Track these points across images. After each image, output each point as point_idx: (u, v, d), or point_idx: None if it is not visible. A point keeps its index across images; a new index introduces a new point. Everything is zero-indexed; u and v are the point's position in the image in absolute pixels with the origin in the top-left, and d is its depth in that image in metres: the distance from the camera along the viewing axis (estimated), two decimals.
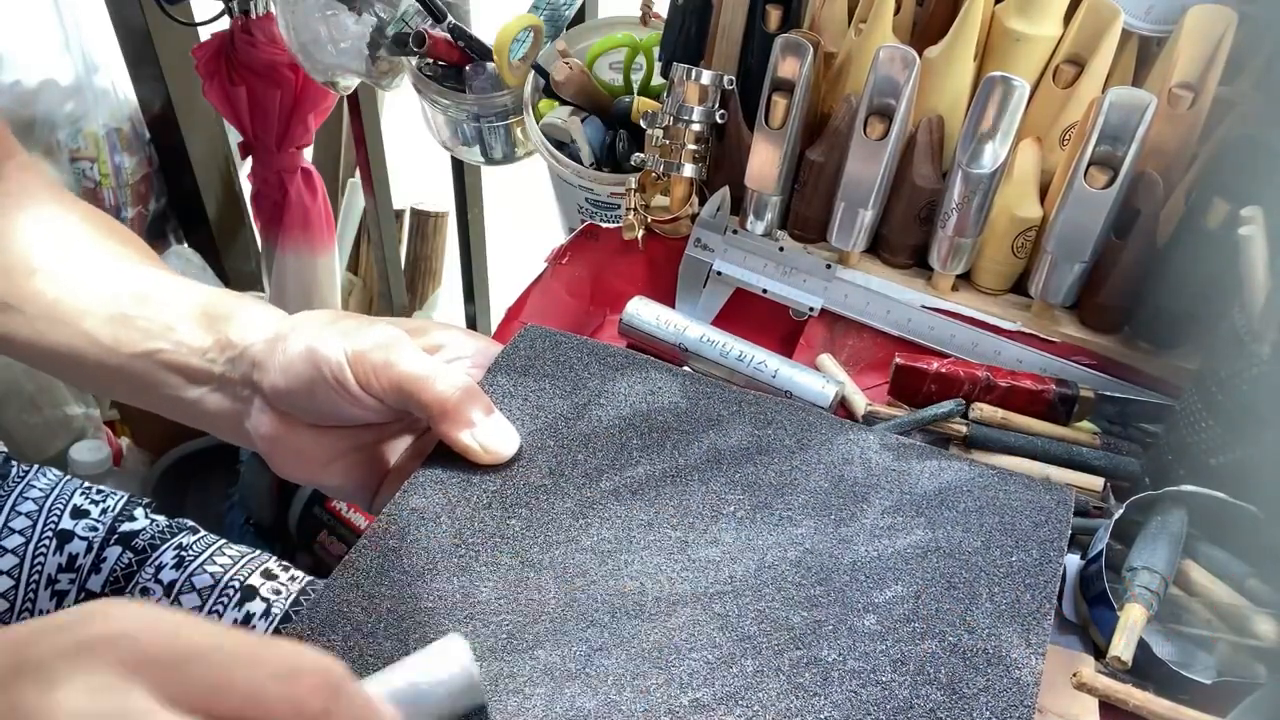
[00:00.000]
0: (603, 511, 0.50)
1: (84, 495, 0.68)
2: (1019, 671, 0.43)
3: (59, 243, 0.56)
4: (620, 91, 0.89)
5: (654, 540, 0.49)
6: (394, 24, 0.99)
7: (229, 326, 0.52)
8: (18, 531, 0.64)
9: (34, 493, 0.67)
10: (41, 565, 0.64)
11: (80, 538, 0.66)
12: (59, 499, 0.67)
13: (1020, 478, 0.53)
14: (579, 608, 0.46)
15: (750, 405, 0.57)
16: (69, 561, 0.65)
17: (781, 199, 0.72)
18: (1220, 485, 0.53)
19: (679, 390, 0.57)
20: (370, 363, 0.48)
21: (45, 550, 0.64)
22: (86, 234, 0.57)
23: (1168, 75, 0.61)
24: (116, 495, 0.70)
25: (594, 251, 0.77)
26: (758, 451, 0.54)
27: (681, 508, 0.51)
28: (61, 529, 0.66)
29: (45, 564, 0.64)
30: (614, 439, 0.54)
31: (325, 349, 0.48)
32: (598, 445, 0.53)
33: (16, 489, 0.66)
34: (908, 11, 0.69)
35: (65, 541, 0.65)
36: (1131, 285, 0.63)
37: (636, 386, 0.57)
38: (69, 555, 0.65)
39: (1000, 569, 0.48)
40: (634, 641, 0.44)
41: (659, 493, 0.52)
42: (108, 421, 1.46)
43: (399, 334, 0.49)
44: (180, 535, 0.69)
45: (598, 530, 0.49)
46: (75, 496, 0.68)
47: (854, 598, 0.47)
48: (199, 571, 0.66)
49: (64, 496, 0.67)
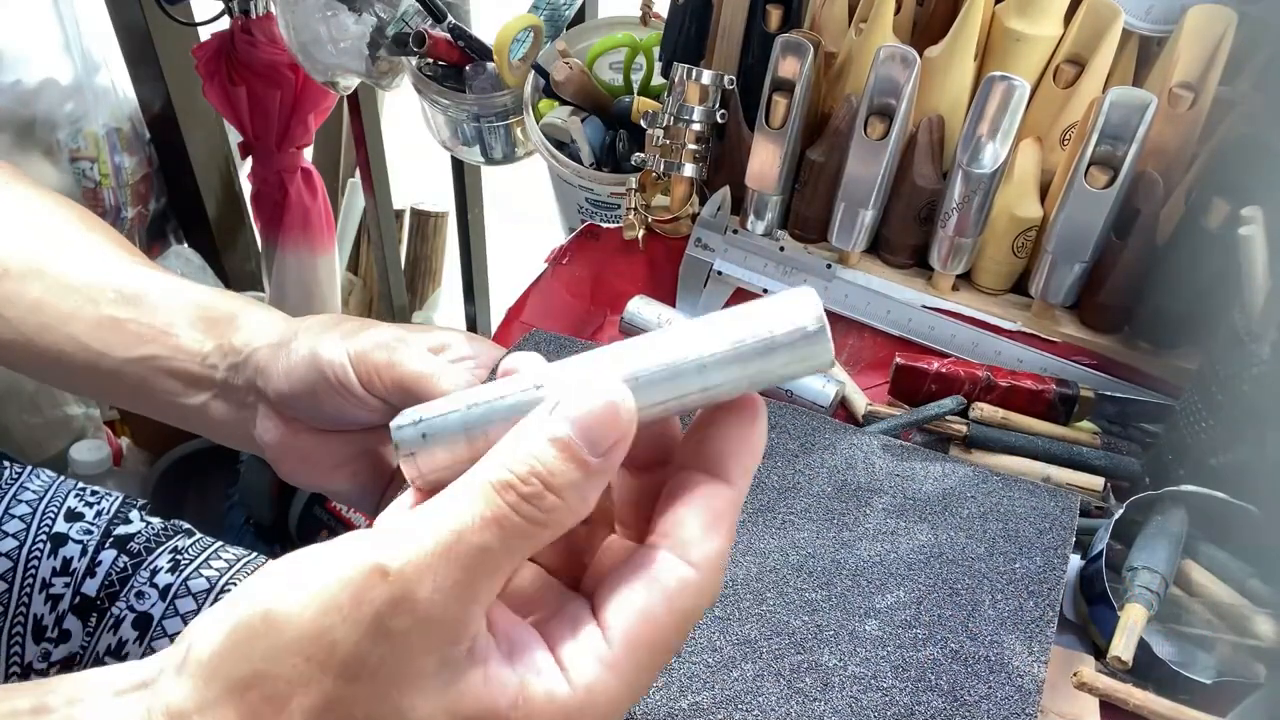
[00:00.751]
0: None
1: (78, 497, 0.68)
2: (1021, 679, 0.43)
3: (42, 240, 0.54)
4: (620, 91, 0.89)
5: None
6: (394, 24, 0.99)
7: (231, 331, 0.52)
8: (11, 535, 0.64)
9: (28, 495, 0.66)
10: (35, 569, 0.63)
11: (75, 541, 0.65)
12: (53, 501, 0.67)
13: (1024, 484, 0.53)
14: None
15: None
16: (63, 565, 0.64)
17: (782, 199, 0.72)
18: (1220, 485, 0.53)
19: None
20: (373, 363, 0.47)
21: (39, 554, 0.64)
22: (72, 231, 0.56)
23: (1168, 75, 0.61)
24: (111, 497, 0.69)
25: (594, 251, 0.77)
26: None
27: None
28: (56, 532, 0.65)
29: (39, 568, 0.64)
30: None
31: (327, 351, 0.48)
32: None
33: (10, 491, 0.66)
34: (908, 11, 0.69)
35: (59, 545, 0.65)
36: (1131, 285, 0.63)
37: None
38: (63, 559, 0.64)
39: (1003, 575, 0.48)
40: None
41: None
42: (108, 421, 1.45)
43: (401, 334, 0.49)
44: (176, 538, 0.68)
45: None
46: (69, 499, 0.67)
47: (855, 602, 0.47)
48: (195, 575, 0.66)
49: (58, 499, 0.67)
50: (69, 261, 0.54)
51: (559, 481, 0.26)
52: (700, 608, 0.28)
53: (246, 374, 0.51)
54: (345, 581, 0.25)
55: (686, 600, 0.27)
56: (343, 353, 0.48)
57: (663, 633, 0.27)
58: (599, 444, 0.26)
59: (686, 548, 0.28)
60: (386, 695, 0.25)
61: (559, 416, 0.27)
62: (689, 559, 0.28)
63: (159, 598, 0.65)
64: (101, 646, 0.63)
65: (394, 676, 0.25)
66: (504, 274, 1.46)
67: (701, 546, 0.28)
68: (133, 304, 0.52)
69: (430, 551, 0.25)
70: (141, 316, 0.52)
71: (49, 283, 0.52)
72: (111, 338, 0.52)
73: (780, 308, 0.28)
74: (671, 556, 0.28)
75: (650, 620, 0.27)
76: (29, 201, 0.56)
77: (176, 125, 1.35)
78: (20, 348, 0.53)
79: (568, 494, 0.26)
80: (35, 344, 0.52)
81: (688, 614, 0.28)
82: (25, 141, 1.27)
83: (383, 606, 0.25)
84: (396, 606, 0.25)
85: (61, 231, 0.55)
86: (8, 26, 1.23)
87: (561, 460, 0.26)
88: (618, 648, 0.27)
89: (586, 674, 0.27)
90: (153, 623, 0.64)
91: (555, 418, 0.27)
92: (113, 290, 0.53)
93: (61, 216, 0.56)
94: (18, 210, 0.56)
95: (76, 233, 0.56)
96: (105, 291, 0.52)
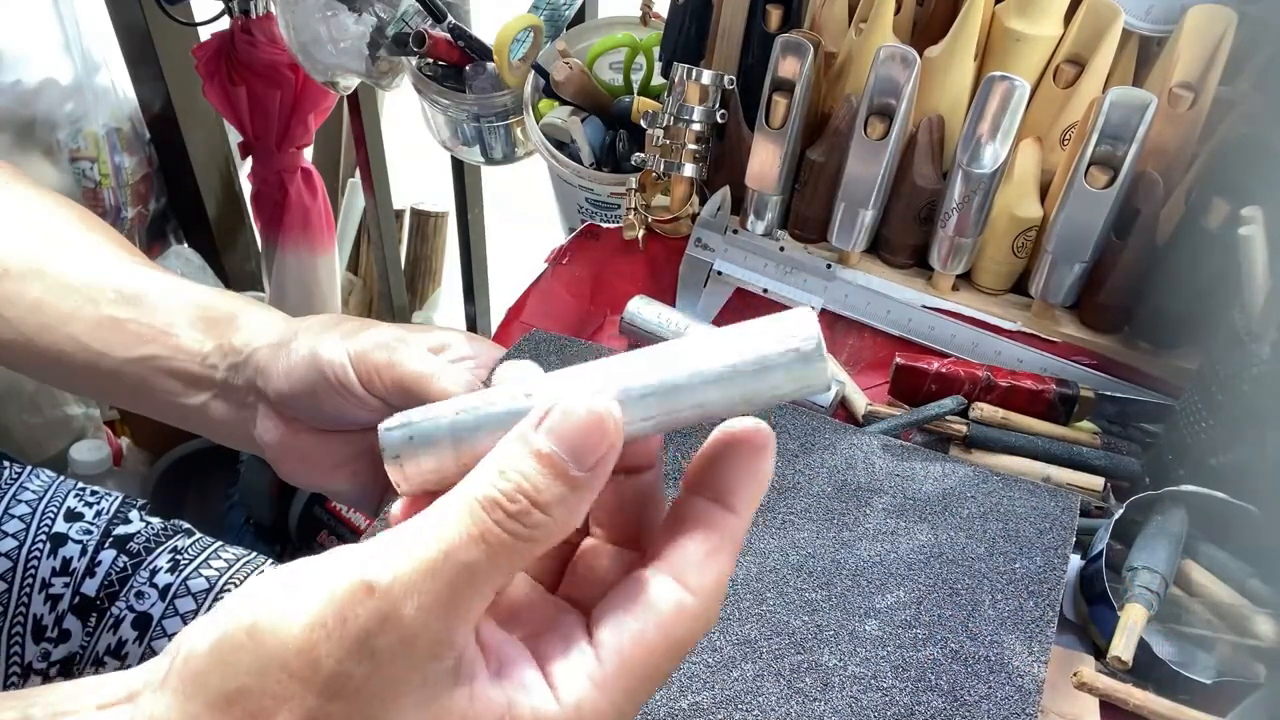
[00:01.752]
0: None
1: (78, 497, 0.68)
2: (1021, 679, 0.43)
3: (43, 240, 0.54)
4: (620, 91, 0.89)
5: None
6: (394, 24, 0.99)
7: (231, 331, 0.52)
8: (11, 535, 0.64)
9: (27, 495, 0.66)
10: (35, 569, 0.64)
11: (74, 541, 0.65)
12: (52, 501, 0.67)
13: (1025, 484, 0.53)
14: None
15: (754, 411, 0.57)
16: (63, 565, 0.64)
17: (782, 199, 0.72)
18: (1220, 485, 0.53)
19: None
20: (372, 362, 0.47)
21: (39, 554, 0.64)
22: (72, 231, 0.55)
23: (1168, 75, 0.61)
24: (111, 497, 0.69)
25: (594, 251, 0.77)
26: None
27: None
28: (55, 532, 0.65)
29: (39, 568, 0.64)
30: None
31: (327, 351, 0.48)
32: None
33: (9, 491, 0.66)
34: (908, 11, 0.69)
35: (59, 545, 0.65)
36: (1131, 285, 0.63)
37: None
38: (63, 559, 0.64)
39: (1003, 576, 0.48)
40: None
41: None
42: (108, 421, 1.45)
43: (401, 334, 0.49)
44: (175, 538, 0.68)
45: None
46: (69, 499, 0.67)
47: (856, 602, 0.47)
48: (194, 575, 0.66)
49: (58, 498, 0.67)
50: (69, 261, 0.54)
51: (545, 498, 0.26)
52: (695, 635, 0.28)
53: (246, 374, 0.51)
54: (332, 597, 0.25)
55: (682, 626, 0.27)
56: (343, 352, 0.48)
57: (655, 657, 0.27)
58: (584, 458, 0.26)
59: (685, 574, 0.28)
60: (370, 713, 0.25)
61: (544, 430, 0.26)
62: (688, 585, 0.28)
63: (159, 597, 0.65)
64: (101, 646, 0.63)
65: (378, 694, 0.25)
66: (504, 274, 1.46)
67: (701, 574, 0.28)
68: (133, 304, 0.52)
69: (417, 569, 0.25)
70: (141, 316, 0.52)
71: (49, 283, 0.52)
72: (111, 338, 0.52)
73: (777, 328, 0.28)
74: (671, 582, 0.28)
75: (644, 644, 0.27)
76: (29, 201, 0.56)
77: (176, 125, 1.35)
78: (20, 348, 0.53)
79: (554, 510, 0.26)
80: (35, 344, 0.52)
81: (682, 641, 0.27)
82: (25, 141, 1.27)
83: (368, 623, 0.25)
84: (382, 623, 0.25)
85: (62, 231, 0.55)
86: (8, 26, 1.23)
87: (547, 476, 0.26)
88: (609, 668, 0.27)
89: (576, 692, 0.27)
90: (152, 622, 0.64)
91: (540, 432, 0.26)
92: (113, 290, 0.53)
93: (62, 216, 0.56)
94: (18, 210, 0.56)
95: (77, 233, 0.56)
96: (105, 291, 0.52)
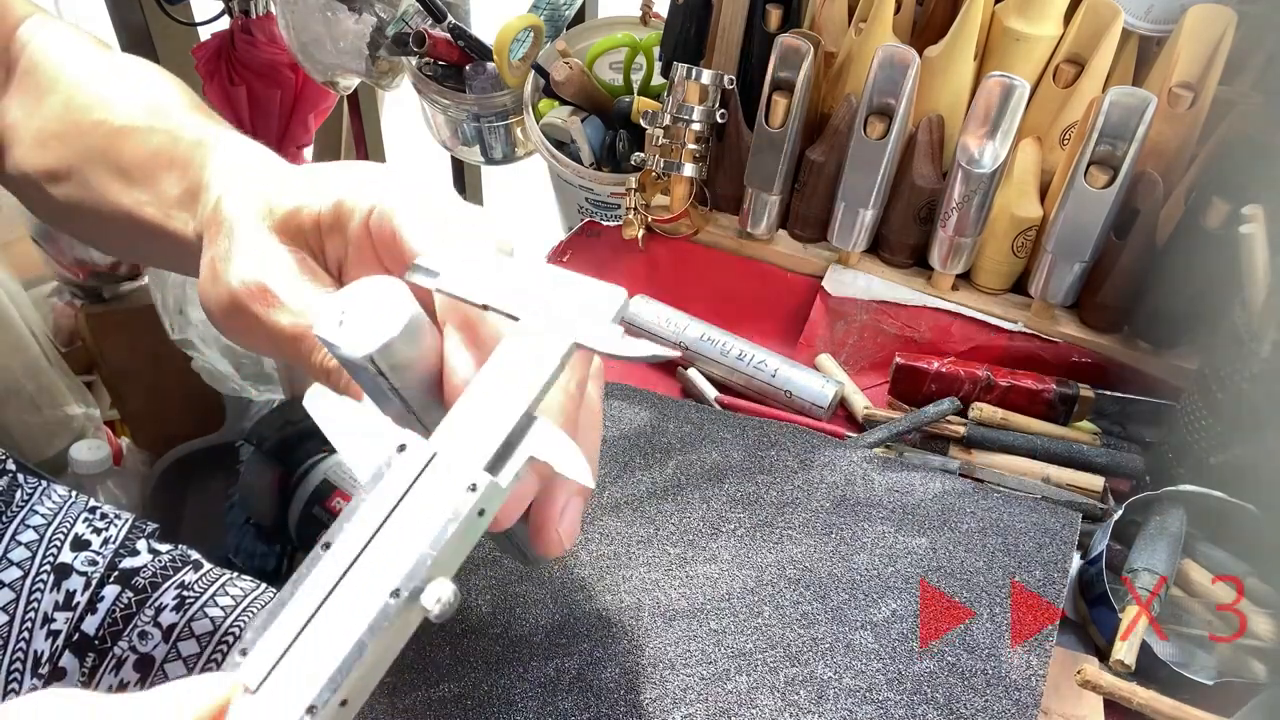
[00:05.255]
0: (602, 527, 0.50)
1: (86, 522, 0.66)
2: (1019, 693, 0.43)
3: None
4: (620, 91, 0.89)
5: (652, 556, 0.49)
6: (394, 24, 0.99)
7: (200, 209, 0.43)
8: (16, 564, 0.63)
9: (36, 519, 0.65)
10: (38, 603, 0.62)
11: (79, 573, 0.64)
12: (60, 526, 0.65)
13: (1025, 500, 0.53)
14: (575, 621, 0.46)
15: (754, 429, 0.57)
16: (66, 599, 0.63)
17: (781, 199, 0.72)
18: (1220, 485, 0.53)
19: (683, 413, 0.57)
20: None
21: (42, 586, 0.63)
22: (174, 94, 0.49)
23: (1168, 75, 0.61)
24: (121, 521, 0.68)
25: (594, 250, 0.77)
26: (759, 471, 0.54)
27: (681, 525, 0.51)
28: (60, 563, 0.64)
29: (42, 601, 0.62)
30: (616, 456, 0.54)
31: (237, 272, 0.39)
32: (599, 461, 0.53)
33: (19, 516, 0.65)
34: (908, 11, 0.69)
35: (63, 577, 0.63)
36: (1131, 285, 0.63)
37: (640, 407, 0.58)
38: (66, 592, 0.63)
39: (1002, 590, 0.47)
40: (628, 656, 0.44)
41: (659, 510, 0.52)
42: (108, 421, 1.45)
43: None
44: (183, 571, 0.67)
45: (596, 545, 0.49)
46: (78, 524, 0.66)
47: (851, 615, 0.46)
48: (199, 615, 0.65)
49: (66, 522, 0.66)
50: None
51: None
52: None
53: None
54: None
55: None
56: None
57: None
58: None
59: None
60: None
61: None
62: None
63: (162, 639, 0.64)
64: (103, 687, 0.62)
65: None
66: None
67: None
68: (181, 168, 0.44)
69: None
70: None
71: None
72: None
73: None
74: None
75: None
76: (150, 71, 0.52)
77: None
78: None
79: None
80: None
81: None
82: None
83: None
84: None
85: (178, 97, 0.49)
86: None
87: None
88: None
89: None
90: (155, 665, 0.63)
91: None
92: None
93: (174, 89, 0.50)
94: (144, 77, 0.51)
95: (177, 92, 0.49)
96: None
